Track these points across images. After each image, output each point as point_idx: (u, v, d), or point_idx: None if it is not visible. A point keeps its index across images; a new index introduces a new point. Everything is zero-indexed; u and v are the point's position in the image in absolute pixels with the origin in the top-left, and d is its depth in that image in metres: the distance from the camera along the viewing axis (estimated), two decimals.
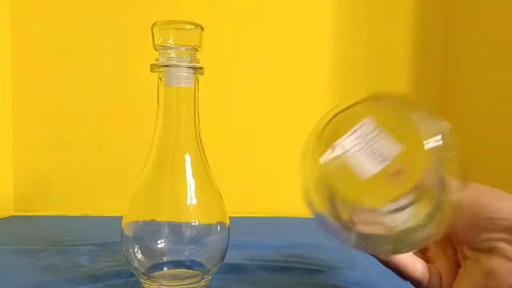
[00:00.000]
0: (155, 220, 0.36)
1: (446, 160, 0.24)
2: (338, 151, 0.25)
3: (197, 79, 0.36)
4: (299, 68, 0.70)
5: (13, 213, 0.68)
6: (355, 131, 0.25)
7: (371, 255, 0.29)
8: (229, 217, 0.37)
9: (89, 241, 0.50)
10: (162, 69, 0.34)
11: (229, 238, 0.37)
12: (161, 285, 0.35)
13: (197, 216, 0.36)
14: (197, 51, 0.35)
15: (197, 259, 0.36)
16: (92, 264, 0.43)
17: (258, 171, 0.70)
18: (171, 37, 0.34)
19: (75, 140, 0.68)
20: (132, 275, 0.39)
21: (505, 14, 0.58)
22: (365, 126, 0.25)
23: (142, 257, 0.35)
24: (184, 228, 0.35)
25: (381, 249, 0.26)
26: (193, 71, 0.35)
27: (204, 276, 0.36)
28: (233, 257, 0.39)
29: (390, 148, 0.24)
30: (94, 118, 0.68)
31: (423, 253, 0.31)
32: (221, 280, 0.39)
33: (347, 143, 0.25)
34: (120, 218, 0.36)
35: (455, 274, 0.29)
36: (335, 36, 0.70)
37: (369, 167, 0.24)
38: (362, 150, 0.25)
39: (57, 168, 0.69)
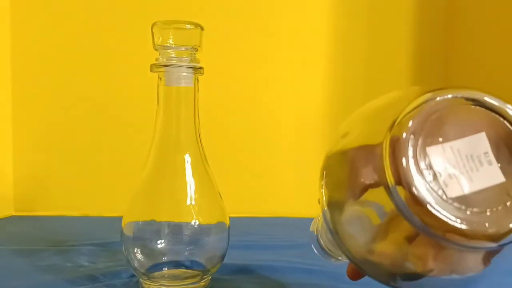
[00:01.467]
0: (155, 220, 0.36)
1: None
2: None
3: (197, 79, 0.36)
4: (299, 68, 0.70)
5: (13, 213, 0.68)
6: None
7: None
8: (229, 217, 0.37)
9: (89, 241, 0.50)
10: (162, 69, 0.34)
11: (229, 238, 0.37)
12: (161, 285, 0.35)
13: (197, 216, 0.36)
14: (197, 51, 0.35)
15: (197, 259, 0.36)
16: (92, 264, 0.43)
17: (258, 171, 0.70)
18: (171, 37, 0.34)
19: (75, 140, 0.68)
20: (132, 275, 0.39)
21: (505, 14, 0.58)
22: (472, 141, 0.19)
23: (142, 257, 0.35)
24: (184, 228, 0.35)
25: None
26: (193, 71, 0.35)
27: (204, 276, 0.36)
28: (233, 257, 0.39)
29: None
30: (94, 118, 0.68)
31: None
32: (221, 280, 0.39)
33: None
34: (120, 218, 0.36)
35: None
36: (334, 36, 0.70)
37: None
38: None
39: (57, 168, 0.69)
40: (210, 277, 0.37)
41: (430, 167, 0.19)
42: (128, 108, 0.68)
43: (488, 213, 0.18)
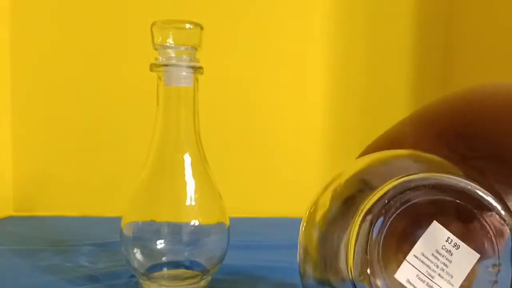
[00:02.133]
0: (154, 220, 0.36)
1: None
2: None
3: (197, 79, 0.36)
4: (299, 68, 0.70)
5: (13, 213, 0.68)
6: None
7: None
8: (229, 218, 0.37)
9: (89, 241, 0.49)
10: (162, 68, 0.34)
11: (229, 239, 0.37)
12: (161, 285, 0.35)
13: (197, 217, 0.35)
14: (196, 50, 0.35)
15: (197, 259, 0.36)
16: (92, 265, 0.43)
17: (258, 171, 0.70)
18: (171, 36, 0.34)
19: (75, 140, 0.68)
20: (132, 275, 0.39)
21: (505, 14, 0.58)
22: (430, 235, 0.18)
23: (142, 257, 0.35)
24: (183, 228, 0.35)
25: None
26: (192, 71, 0.35)
27: (204, 277, 0.36)
28: (233, 257, 0.39)
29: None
30: (94, 118, 0.68)
31: None
32: (221, 280, 0.39)
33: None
34: (120, 218, 0.36)
35: None
36: (334, 36, 0.70)
37: None
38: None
39: (57, 168, 0.69)
40: (210, 278, 0.37)
41: None
42: (128, 108, 0.67)
43: None
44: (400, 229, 0.18)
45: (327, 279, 0.19)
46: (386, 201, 0.17)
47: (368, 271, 0.17)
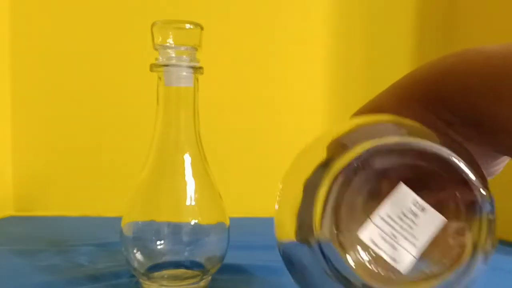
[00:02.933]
0: (154, 220, 0.36)
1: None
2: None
3: (197, 79, 0.36)
4: (299, 68, 0.70)
5: (13, 213, 0.68)
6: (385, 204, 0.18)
7: None
8: (229, 218, 0.37)
9: (89, 241, 0.49)
10: (162, 68, 0.34)
11: (229, 239, 0.37)
12: (161, 285, 0.35)
13: (197, 216, 0.35)
14: (196, 50, 0.35)
15: (197, 259, 0.36)
16: (92, 265, 0.43)
17: (258, 171, 0.70)
18: (171, 36, 0.34)
19: (75, 140, 0.68)
20: (132, 275, 0.39)
21: (505, 14, 0.58)
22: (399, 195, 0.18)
23: (142, 257, 0.35)
24: (183, 228, 0.35)
25: None
26: (192, 71, 0.35)
27: (204, 277, 0.36)
28: (233, 257, 0.39)
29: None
30: (94, 118, 0.68)
31: None
32: (221, 280, 0.39)
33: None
34: (120, 218, 0.36)
35: None
36: (334, 37, 0.70)
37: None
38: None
39: (57, 168, 0.69)
40: (210, 278, 0.37)
41: (372, 252, 0.17)
42: (128, 108, 0.67)
43: (451, 264, 0.17)
44: (370, 191, 0.18)
45: (305, 239, 0.19)
46: (356, 164, 0.17)
47: (334, 229, 0.17)
